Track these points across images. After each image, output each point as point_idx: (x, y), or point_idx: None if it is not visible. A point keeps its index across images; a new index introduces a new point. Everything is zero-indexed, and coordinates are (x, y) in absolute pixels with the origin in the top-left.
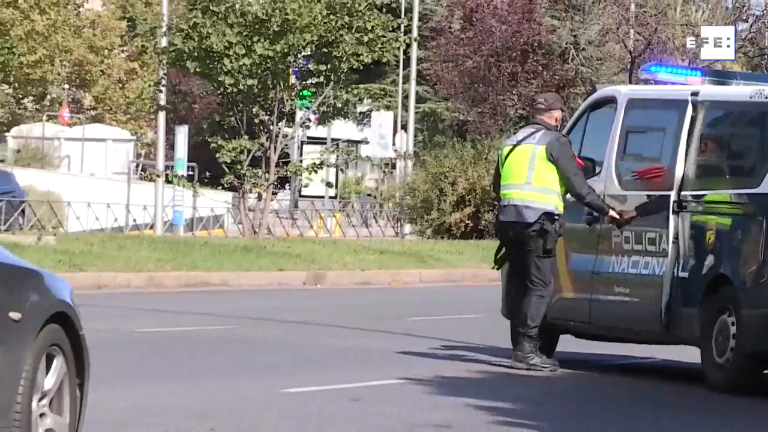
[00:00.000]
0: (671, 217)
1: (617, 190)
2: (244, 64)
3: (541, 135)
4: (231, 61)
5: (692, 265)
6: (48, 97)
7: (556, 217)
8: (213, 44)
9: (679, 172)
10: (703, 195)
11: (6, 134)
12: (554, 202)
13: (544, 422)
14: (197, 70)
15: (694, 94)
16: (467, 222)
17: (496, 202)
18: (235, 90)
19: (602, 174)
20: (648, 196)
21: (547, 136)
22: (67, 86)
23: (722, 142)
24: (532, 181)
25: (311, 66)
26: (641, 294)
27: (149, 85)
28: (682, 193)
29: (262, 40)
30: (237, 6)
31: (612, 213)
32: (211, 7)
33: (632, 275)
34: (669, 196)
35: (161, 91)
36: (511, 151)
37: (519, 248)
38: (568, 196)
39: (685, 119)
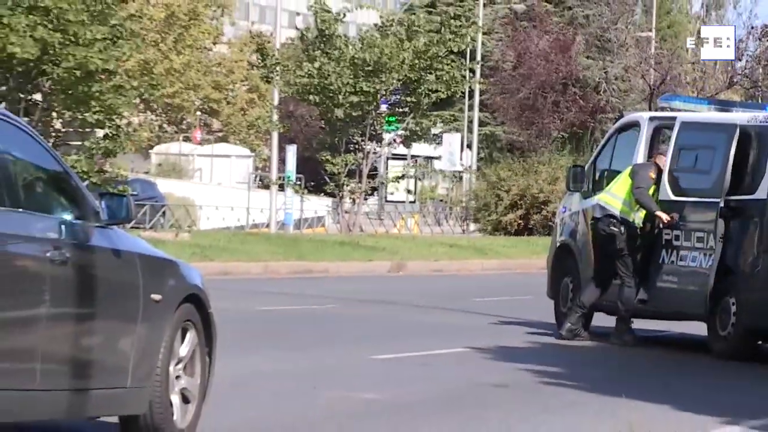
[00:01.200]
0: (719, 220)
1: (669, 196)
2: (351, 100)
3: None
4: (343, 96)
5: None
6: (184, 121)
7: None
8: (332, 83)
9: (726, 184)
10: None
11: (150, 151)
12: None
13: (581, 382)
14: (316, 103)
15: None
16: (519, 222)
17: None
18: (342, 118)
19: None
20: (694, 202)
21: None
22: (199, 113)
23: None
24: None
25: (399, 98)
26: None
27: (266, 112)
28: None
29: (363, 79)
30: (349, 54)
31: (659, 213)
32: (328, 53)
33: (683, 267)
34: (717, 202)
35: (277, 116)
36: None
37: None
38: None
39: (734, 140)
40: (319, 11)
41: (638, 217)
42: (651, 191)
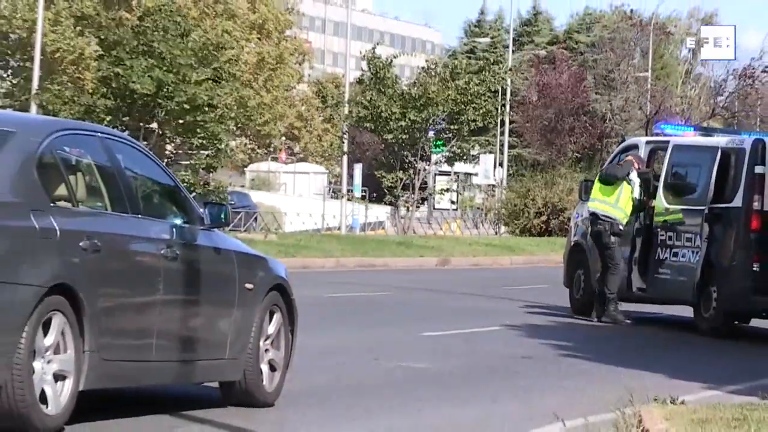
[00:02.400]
0: (704, 224)
1: (664, 204)
2: (400, 125)
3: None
4: (393, 124)
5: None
6: (271, 145)
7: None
8: (382, 113)
9: (710, 194)
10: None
11: (245, 169)
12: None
13: (590, 354)
14: (371, 129)
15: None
16: (542, 225)
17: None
18: (394, 141)
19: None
20: (684, 209)
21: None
22: (284, 138)
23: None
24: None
25: (443, 126)
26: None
27: (336, 139)
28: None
29: (412, 110)
30: (398, 89)
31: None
32: (381, 89)
33: (674, 261)
34: (703, 209)
35: (344, 142)
36: None
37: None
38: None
39: (716, 159)
40: (371, 58)
41: (622, 212)
42: (635, 191)
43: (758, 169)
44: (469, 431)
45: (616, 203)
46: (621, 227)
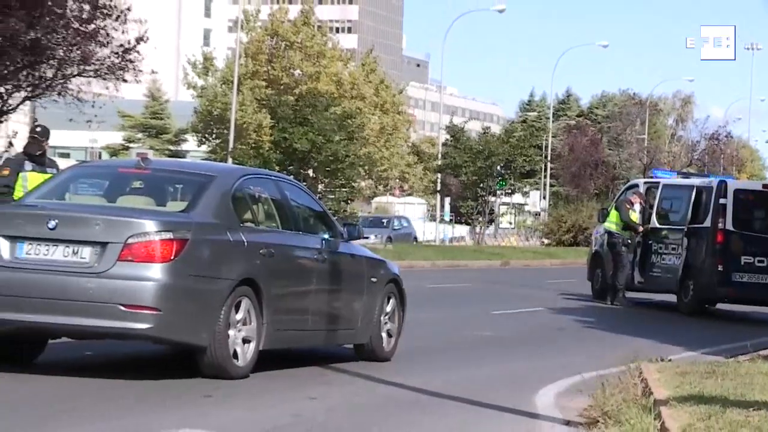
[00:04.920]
0: (684, 238)
1: (656, 224)
2: (471, 170)
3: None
4: (467, 169)
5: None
6: (389, 185)
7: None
8: (459, 162)
9: (688, 218)
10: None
11: (371, 201)
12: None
13: (605, 327)
14: (454, 173)
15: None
16: (571, 239)
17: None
18: (470, 181)
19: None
20: (670, 228)
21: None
22: (397, 180)
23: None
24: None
25: (503, 171)
26: (668, 273)
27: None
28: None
29: (479, 160)
30: (468, 145)
31: (634, 226)
32: (457, 146)
33: (663, 264)
34: (683, 228)
35: (437, 183)
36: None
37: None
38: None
39: (693, 194)
40: (450, 126)
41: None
42: (633, 216)
43: (721, 201)
44: (519, 378)
45: (614, 221)
46: (628, 240)
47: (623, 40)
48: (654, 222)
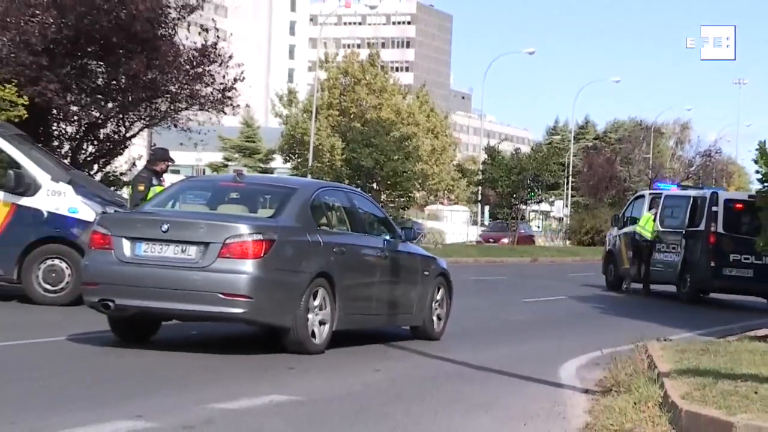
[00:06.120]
0: (682, 239)
1: (659, 228)
2: (506, 183)
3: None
4: (503, 182)
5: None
6: (438, 195)
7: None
8: (492, 177)
9: (686, 223)
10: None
11: (425, 208)
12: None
13: (618, 312)
14: (492, 186)
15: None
16: (589, 240)
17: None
18: (505, 193)
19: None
20: (671, 231)
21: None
22: (446, 191)
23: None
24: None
25: (532, 184)
26: (669, 268)
27: (473, 193)
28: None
29: (512, 173)
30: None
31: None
32: (493, 164)
33: (666, 260)
34: (682, 231)
35: (477, 194)
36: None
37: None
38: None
39: (690, 203)
40: (487, 147)
41: (649, 234)
42: (645, 221)
43: (714, 208)
44: (546, 355)
45: (644, 225)
46: (646, 240)
47: (633, 75)
48: (658, 226)
